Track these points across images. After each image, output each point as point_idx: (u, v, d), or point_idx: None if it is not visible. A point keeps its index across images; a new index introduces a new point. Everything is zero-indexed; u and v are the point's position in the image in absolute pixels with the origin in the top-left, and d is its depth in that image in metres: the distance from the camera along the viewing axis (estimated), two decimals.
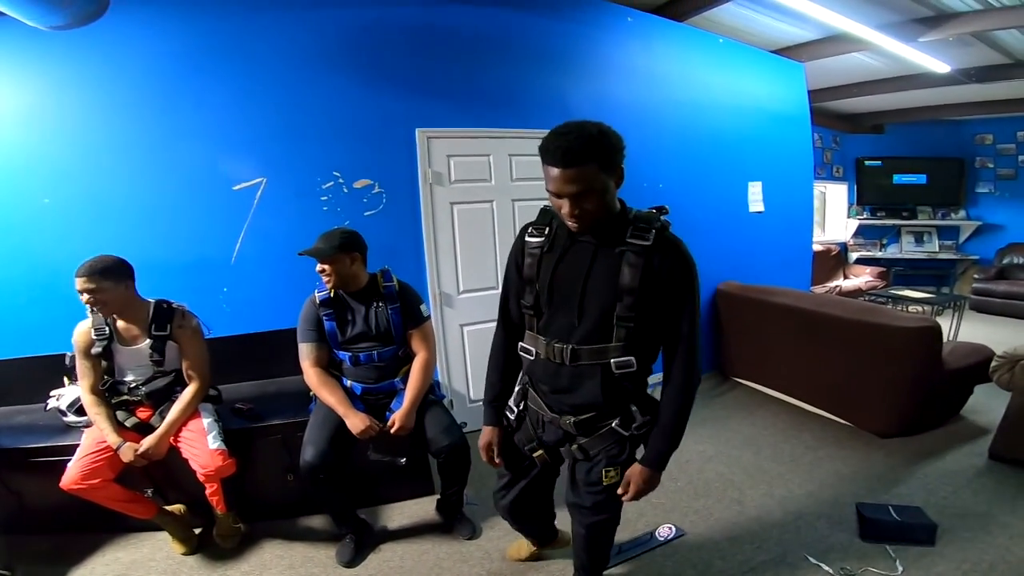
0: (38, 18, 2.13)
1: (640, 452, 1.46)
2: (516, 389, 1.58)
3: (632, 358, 1.34)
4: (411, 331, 2.30)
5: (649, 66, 3.84)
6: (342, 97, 2.96)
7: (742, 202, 4.46)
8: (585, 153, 1.17)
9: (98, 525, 2.39)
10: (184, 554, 2.30)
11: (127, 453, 2.08)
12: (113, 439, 2.09)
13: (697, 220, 3.91)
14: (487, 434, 1.64)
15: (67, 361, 2.55)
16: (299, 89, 2.89)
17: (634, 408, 1.41)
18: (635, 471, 1.42)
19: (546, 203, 1.42)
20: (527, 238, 1.45)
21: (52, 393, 2.58)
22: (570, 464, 1.55)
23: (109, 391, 2.23)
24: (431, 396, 2.34)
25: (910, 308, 5.19)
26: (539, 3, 3.37)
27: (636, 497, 1.44)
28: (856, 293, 6.08)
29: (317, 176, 2.96)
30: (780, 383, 3.80)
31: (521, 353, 1.50)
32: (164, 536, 2.35)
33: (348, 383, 2.28)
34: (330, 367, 2.29)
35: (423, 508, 2.59)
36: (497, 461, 1.65)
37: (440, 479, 2.34)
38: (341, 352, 2.27)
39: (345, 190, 3.01)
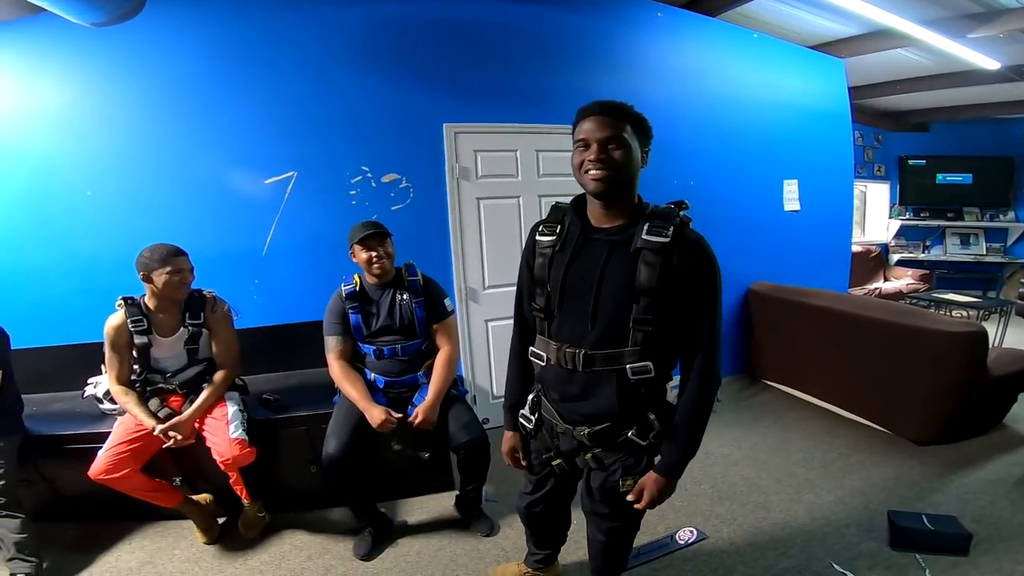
0: (80, 14, 2.21)
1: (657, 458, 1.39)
2: (530, 397, 1.50)
3: (650, 363, 1.26)
4: (435, 325, 2.31)
5: (680, 62, 3.77)
6: (370, 92, 3.00)
7: (777, 200, 4.34)
8: (620, 110, 1.23)
9: (125, 513, 2.45)
10: (206, 543, 2.35)
11: (157, 430, 2.12)
12: (150, 423, 2.14)
13: (729, 218, 3.84)
14: (509, 440, 1.59)
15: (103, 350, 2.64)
16: (329, 84, 2.94)
17: (652, 416, 1.32)
18: (650, 479, 1.34)
19: (555, 202, 1.41)
20: (538, 236, 1.38)
21: (89, 381, 2.65)
22: (585, 472, 1.47)
23: (143, 382, 2.28)
24: (453, 391, 2.34)
25: (954, 312, 4.98)
26: (568, 0, 3.34)
27: (650, 506, 1.36)
28: (897, 296, 5.87)
29: (346, 171, 3.00)
30: (812, 387, 3.69)
31: (532, 359, 1.43)
32: (189, 525, 2.40)
33: (371, 376, 2.30)
34: (355, 360, 2.32)
35: (442, 503, 2.60)
36: (523, 464, 1.61)
37: (459, 475, 2.33)
38: (365, 345, 2.29)
39: (373, 184, 3.04)
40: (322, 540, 2.38)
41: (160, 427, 2.12)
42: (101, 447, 2.12)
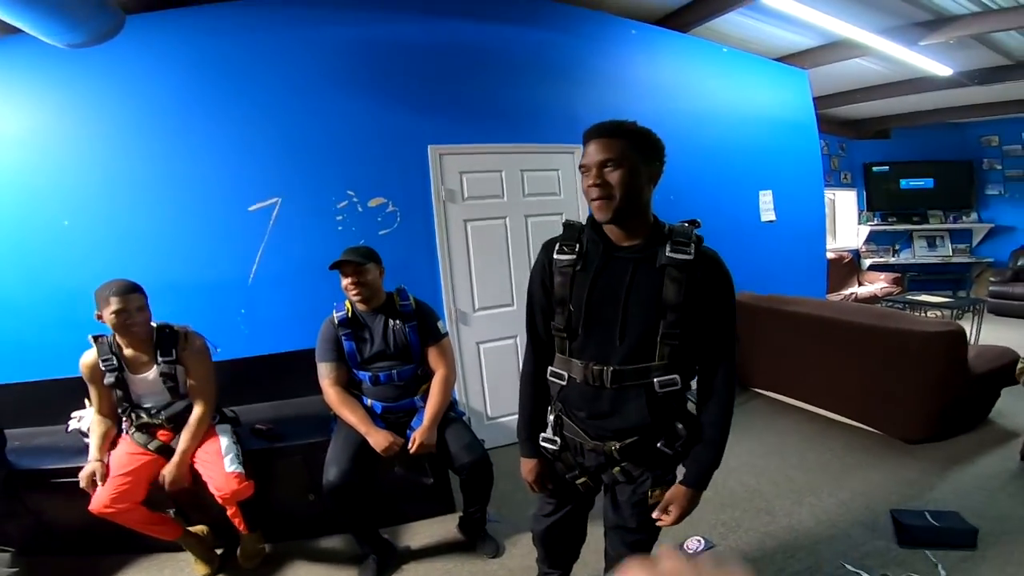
0: (56, 35, 2.17)
1: (680, 472, 1.39)
2: (550, 419, 1.47)
3: (677, 376, 1.29)
4: (429, 348, 2.29)
5: (655, 77, 3.87)
6: (354, 115, 3.00)
7: (754, 211, 4.46)
8: (618, 129, 1.22)
9: (120, 546, 2.38)
10: (206, 575, 2.28)
11: (89, 468, 2.08)
12: (92, 456, 2.12)
13: (710, 231, 3.80)
14: (533, 468, 1.52)
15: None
16: (311, 108, 2.94)
17: (679, 426, 1.34)
18: (678, 493, 1.35)
19: (566, 219, 1.42)
20: (556, 255, 1.36)
21: (73, 415, 2.61)
22: (609, 486, 1.46)
23: (129, 416, 2.23)
24: (451, 413, 2.32)
25: (928, 313, 5.13)
26: (545, 19, 3.42)
27: (678, 521, 1.35)
28: (872, 300, 6.02)
29: (332, 195, 2.98)
30: (801, 392, 3.75)
31: (551, 379, 1.42)
32: (186, 557, 2.33)
33: (368, 402, 2.26)
34: (349, 387, 2.29)
35: (445, 527, 2.56)
36: (549, 487, 1.56)
37: (462, 497, 2.31)
38: (360, 372, 2.26)
39: (360, 209, 3.03)
40: (325, 569, 2.32)
41: (84, 474, 2.07)
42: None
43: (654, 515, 1.37)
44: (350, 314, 2.25)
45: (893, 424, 3.16)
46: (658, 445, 1.34)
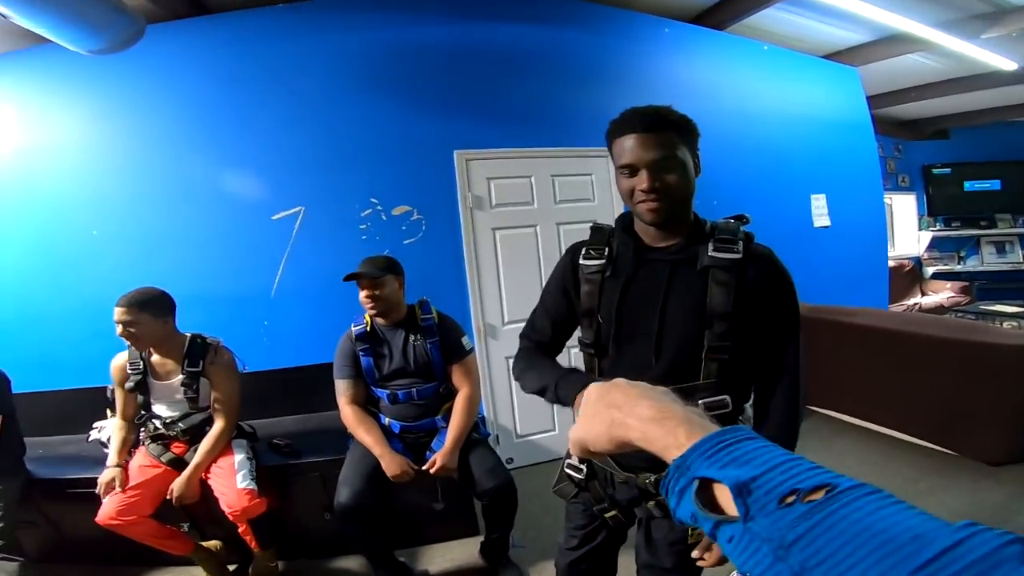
0: (78, 42, 2.21)
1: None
2: None
3: (727, 397, 1.11)
4: (452, 366, 2.17)
5: (692, 77, 3.71)
6: (378, 121, 2.95)
7: (805, 217, 4.20)
8: (665, 119, 1.07)
9: (131, 558, 2.35)
10: None
11: (107, 475, 2.07)
12: (110, 462, 2.12)
13: (756, 237, 3.67)
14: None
15: (108, 394, 2.59)
16: (334, 114, 2.90)
17: None
18: None
19: (594, 222, 1.27)
20: (582, 260, 1.22)
21: (95, 425, 2.64)
22: (644, 521, 1.30)
23: (144, 426, 2.23)
24: (475, 434, 2.19)
25: (1004, 324, 4.69)
26: (573, 19, 3.31)
27: (723, 561, 1.18)
28: (939, 310, 5.61)
29: (355, 203, 2.92)
30: (862, 410, 3.46)
31: None
32: (197, 571, 2.29)
33: (386, 421, 2.17)
34: (368, 403, 2.20)
35: (466, 550, 2.42)
36: None
37: (485, 521, 2.18)
38: (378, 390, 2.16)
39: (384, 217, 2.95)
40: None
41: (102, 480, 2.07)
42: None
43: (694, 554, 1.19)
44: (368, 328, 2.15)
45: (973, 444, 2.85)
46: None
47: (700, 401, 1.09)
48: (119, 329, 2.05)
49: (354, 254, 2.71)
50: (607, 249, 1.20)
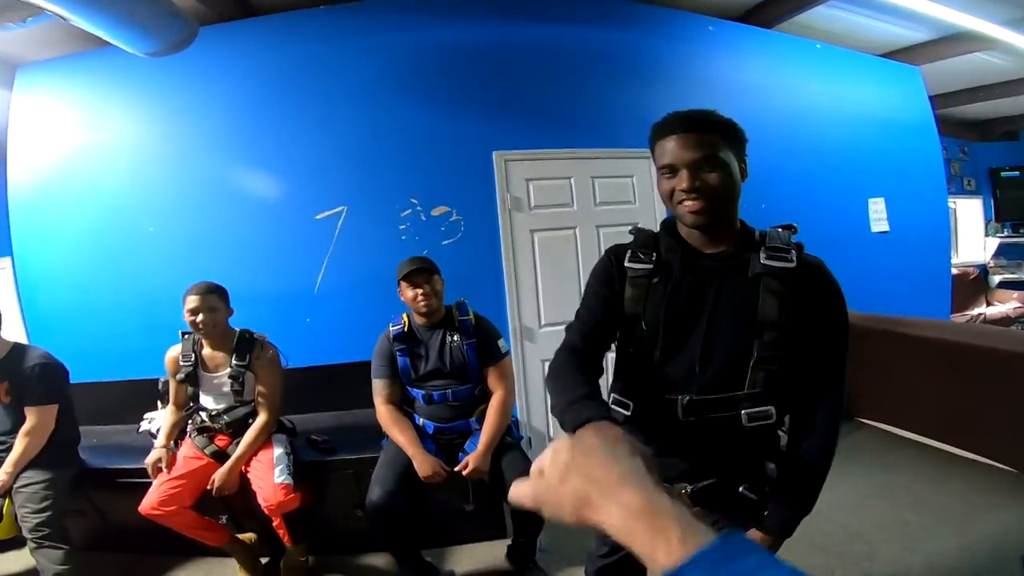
0: (135, 44, 2.33)
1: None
2: None
3: (771, 408, 1.08)
4: (488, 368, 2.17)
5: (738, 76, 3.60)
6: (418, 122, 2.98)
7: (862, 221, 4.00)
8: (707, 121, 1.05)
9: (170, 547, 2.43)
10: None
11: (153, 455, 2.19)
12: (158, 443, 2.25)
13: (808, 242, 3.51)
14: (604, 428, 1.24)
15: (160, 386, 2.71)
16: (376, 115, 2.95)
17: (771, 466, 1.14)
18: (756, 540, 1.14)
19: (633, 225, 1.24)
20: (628, 263, 1.17)
21: (145, 416, 2.75)
22: None
23: (192, 417, 2.32)
24: (508, 438, 2.18)
25: None
26: (614, 18, 3.26)
27: None
28: (1004, 321, 5.28)
29: (395, 204, 2.96)
30: (919, 424, 3.26)
31: (614, 406, 1.22)
32: (231, 562, 2.34)
33: (420, 421, 2.18)
34: (404, 403, 2.22)
35: (492, 552, 2.41)
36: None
37: (513, 524, 2.17)
38: (414, 390, 2.19)
39: (423, 218, 2.98)
40: None
41: (149, 460, 2.19)
42: (151, 481, 2.17)
43: None
44: (406, 328, 2.17)
45: None
46: (740, 489, 1.13)
47: (743, 411, 1.07)
48: (195, 316, 2.16)
49: (394, 254, 2.76)
50: (655, 254, 1.16)
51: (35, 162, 3.03)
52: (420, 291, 2.08)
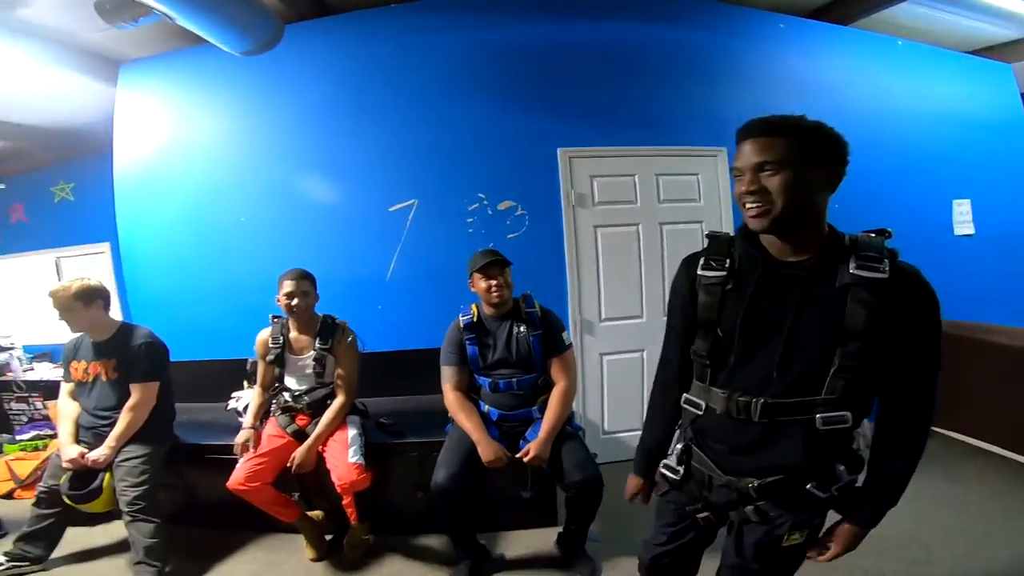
0: (232, 44, 2.52)
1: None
2: (678, 447, 1.33)
3: (847, 413, 1.09)
4: (552, 360, 2.24)
5: (813, 74, 3.48)
6: (485, 119, 3.08)
7: (944, 224, 3.80)
8: (779, 126, 1.04)
9: (246, 523, 2.57)
10: (313, 560, 2.41)
11: (242, 436, 2.32)
12: (246, 423, 2.36)
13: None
14: (637, 484, 1.47)
15: (248, 366, 2.88)
16: (445, 113, 3.07)
17: (841, 468, 1.14)
18: (844, 531, 1.21)
19: (710, 231, 1.27)
20: (700, 271, 1.21)
21: (233, 395, 2.93)
22: (737, 524, 1.28)
23: (276, 398, 2.46)
24: (567, 428, 2.23)
25: None
26: (681, 16, 3.23)
27: (833, 558, 1.24)
28: None
29: (463, 198, 3.07)
30: (996, 435, 3.10)
31: (685, 406, 1.29)
32: (300, 539, 2.48)
33: (485, 408, 2.26)
34: (470, 391, 2.30)
35: (543, 539, 2.46)
36: (645, 502, 1.49)
37: (566, 513, 2.21)
38: (481, 378, 2.26)
39: (489, 212, 3.07)
40: (420, 568, 2.36)
41: (238, 440, 2.32)
42: (237, 458, 2.29)
43: (809, 553, 1.24)
44: (476, 319, 2.26)
45: None
46: (808, 487, 1.14)
47: (819, 415, 1.08)
48: (290, 300, 2.31)
49: (461, 246, 2.86)
50: (728, 260, 1.18)
51: (138, 153, 3.30)
52: (494, 283, 2.15)
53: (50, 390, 3.75)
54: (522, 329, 2.21)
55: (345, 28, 3.13)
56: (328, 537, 2.50)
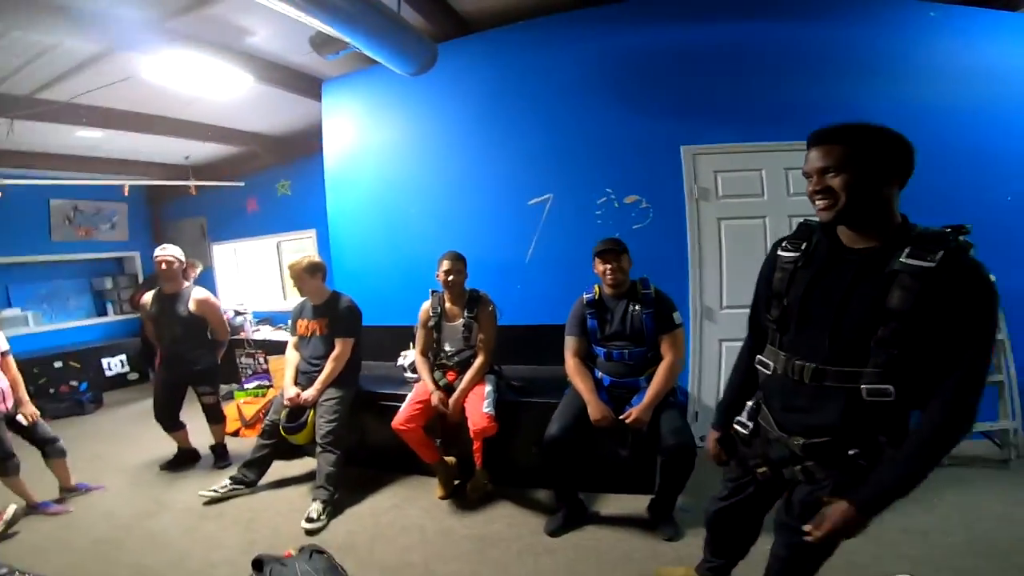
0: (402, 67, 2.99)
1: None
2: (749, 404, 1.52)
3: (891, 387, 1.18)
4: (662, 336, 2.47)
5: (968, 62, 3.13)
6: (613, 119, 3.35)
7: None
8: (836, 134, 1.20)
9: (394, 466, 3.12)
10: (441, 497, 2.84)
11: (434, 398, 2.76)
12: (432, 388, 2.81)
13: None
14: (714, 436, 1.67)
15: (413, 331, 3.41)
16: (577, 115, 3.41)
17: (883, 439, 1.23)
18: (837, 508, 1.22)
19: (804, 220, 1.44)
20: (779, 252, 1.41)
21: (401, 354, 3.54)
22: (790, 483, 1.41)
23: (434, 356, 2.97)
24: (671, 398, 2.45)
25: None
26: (810, 9, 3.12)
27: (823, 539, 1.24)
28: None
29: (593, 193, 3.40)
30: None
31: (758, 366, 1.45)
32: (431, 483, 2.93)
33: (599, 375, 2.56)
34: (587, 359, 2.61)
35: (636, 503, 2.66)
36: (724, 459, 1.66)
37: (660, 479, 2.42)
38: (598, 348, 2.56)
39: (616, 205, 3.36)
40: (524, 514, 2.69)
41: (435, 400, 2.74)
42: (399, 406, 2.80)
43: (805, 527, 1.27)
44: (597, 297, 2.57)
45: None
46: (850, 452, 1.26)
47: (863, 385, 1.21)
48: (448, 276, 2.78)
49: (590, 236, 3.11)
50: (805, 244, 1.35)
51: (338, 155, 4.14)
52: (609, 267, 2.45)
53: (271, 348, 4.71)
54: (636, 308, 2.47)
55: (487, 44, 3.59)
56: (456, 482, 2.91)
